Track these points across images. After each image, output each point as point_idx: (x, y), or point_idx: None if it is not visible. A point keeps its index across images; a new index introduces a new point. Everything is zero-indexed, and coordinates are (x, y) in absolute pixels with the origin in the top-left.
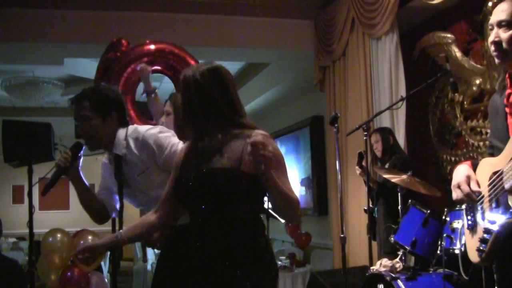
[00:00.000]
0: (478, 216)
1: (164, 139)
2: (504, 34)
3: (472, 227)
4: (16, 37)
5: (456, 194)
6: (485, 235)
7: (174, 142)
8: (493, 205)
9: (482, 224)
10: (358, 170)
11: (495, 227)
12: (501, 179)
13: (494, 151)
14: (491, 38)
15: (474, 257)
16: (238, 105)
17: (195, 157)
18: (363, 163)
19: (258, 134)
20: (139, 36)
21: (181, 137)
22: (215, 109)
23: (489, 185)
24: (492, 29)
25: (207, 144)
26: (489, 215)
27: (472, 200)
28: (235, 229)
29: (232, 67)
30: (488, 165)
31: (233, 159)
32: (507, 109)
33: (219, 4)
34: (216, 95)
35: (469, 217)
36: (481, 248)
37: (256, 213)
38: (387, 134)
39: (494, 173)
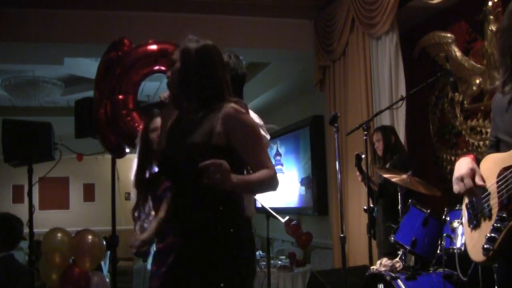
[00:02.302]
0: (484, 214)
1: None
2: None
3: (475, 225)
4: (16, 37)
5: (458, 187)
6: (493, 234)
7: None
8: (505, 201)
9: (489, 222)
10: (359, 177)
11: (506, 224)
12: None
13: (501, 146)
14: None
15: (477, 256)
16: (224, 84)
17: (178, 132)
18: (363, 166)
19: (229, 107)
20: (139, 36)
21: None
22: (201, 87)
23: (498, 181)
24: None
25: (188, 119)
26: (498, 212)
27: (474, 195)
28: (210, 204)
29: None
30: (494, 161)
31: (204, 133)
32: None
33: (219, 4)
34: (219, 69)
35: (471, 214)
36: (486, 246)
37: None
38: (388, 133)
39: (505, 168)
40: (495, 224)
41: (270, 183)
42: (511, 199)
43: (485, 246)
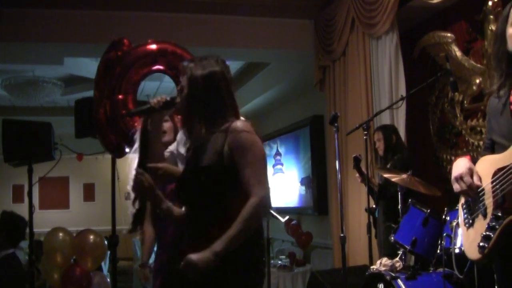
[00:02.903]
0: (479, 213)
1: None
2: None
3: (471, 224)
4: (16, 37)
5: (458, 186)
6: (488, 232)
7: None
8: (499, 200)
9: (484, 220)
10: (359, 178)
11: (500, 223)
12: (510, 173)
13: (496, 148)
14: None
15: (473, 254)
16: (231, 106)
17: (191, 155)
18: (362, 166)
19: (233, 125)
20: (139, 36)
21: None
22: (208, 111)
23: (493, 181)
24: None
25: (199, 143)
26: (493, 211)
27: (473, 194)
28: (224, 221)
29: (232, 67)
30: (489, 162)
31: (215, 154)
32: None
33: (219, 4)
34: (210, 99)
35: (466, 213)
36: (482, 244)
37: (244, 202)
38: (389, 132)
39: (500, 169)
40: (490, 223)
41: (256, 215)
42: (506, 198)
43: (481, 244)
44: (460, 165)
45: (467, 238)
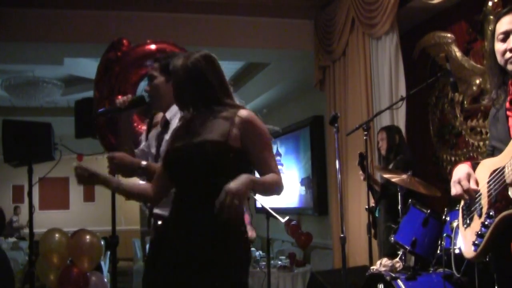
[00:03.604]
0: (476, 213)
1: None
2: None
3: (468, 224)
4: (16, 37)
5: (455, 190)
6: (482, 229)
7: None
8: (493, 200)
9: (479, 220)
10: (362, 176)
11: (492, 221)
12: (503, 173)
13: (494, 152)
14: (510, 45)
15: (469, 252)
16: (227, 87)
17: (185, 133)
18: (365, 164)
19: (245, 112)
20: (139, 36)
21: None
22: (207, 90)
23: (488, 182)
24: (506, 37)
25: (196, 121)
26: (487, 210)
27: (470, 197)
28: (216, 195)
29: (232, 67)
30: (487, 166)
31: (221, 134)
32: (509, 113)
33: (219, 4)
34: (210, 77)
35: (465, 216)
36: (476, 242)
37: None
38: (393, 133)
39: (494, 170)
40: (483, 222)
41: (278, 187)
42: (498, 197)
43: (475, 242)
44: (459, 171)
45: (465, 238)
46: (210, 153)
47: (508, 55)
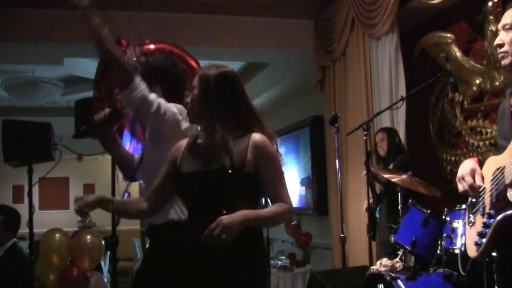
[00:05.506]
0: (479, 211)
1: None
2: (507, 37)
3: (473, 223)
4: (16, 37)
5: (461, 186)
6: (483, 229)
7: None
8: (493, 200)
9: (481, 218)
10: (365, 173)
11: (493, 221)
12: (503, 173)
13: (500, 150)
14: (496, 41)
15: (471, 251)
16: (246, 110)
17: (197, 154)
18: (369, 163)
19: (257, 136)
20: (139, 36)
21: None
22: (225, 110)
23: (491, 180)
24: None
25: (209, 142)
26: (488, 210)
27: (474, 193)
28: None
29: (232, 67)
30: (493, 163)
31: (238, 160)
32: None
33: (219, 4)
34: (228, 99)
35: (471, 214)
36: (478, 242)
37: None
38: (393, 134)
39: (497, 169)
40: (485, 221)
41: (285, 217)
42: (499, 197)
43: (477, 241)
44: (464, 166)
45: (469, 237)
46: (228, 182)
47: (499, 50)
